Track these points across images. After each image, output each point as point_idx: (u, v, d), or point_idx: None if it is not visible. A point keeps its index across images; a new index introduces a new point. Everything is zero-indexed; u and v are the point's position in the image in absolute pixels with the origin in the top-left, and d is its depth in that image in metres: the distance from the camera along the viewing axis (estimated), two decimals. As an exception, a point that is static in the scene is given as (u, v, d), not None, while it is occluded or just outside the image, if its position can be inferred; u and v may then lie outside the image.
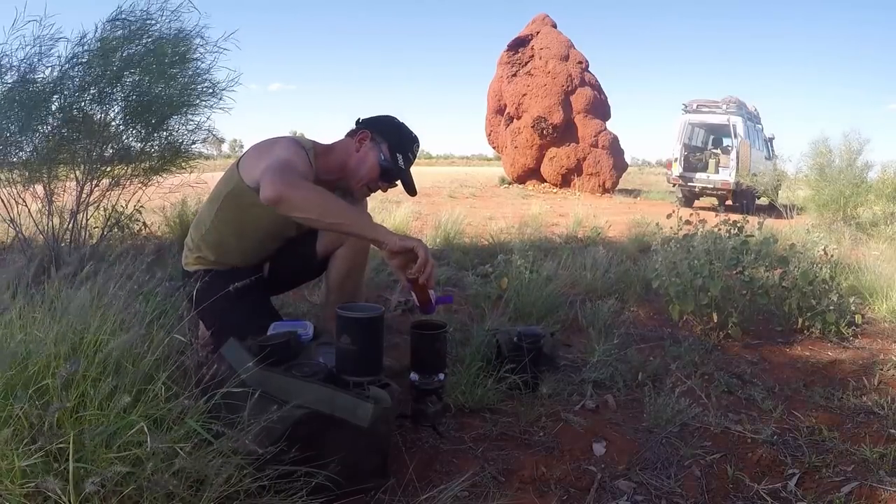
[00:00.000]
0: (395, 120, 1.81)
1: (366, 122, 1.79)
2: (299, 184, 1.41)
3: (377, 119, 1.80)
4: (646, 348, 2.31)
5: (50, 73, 2.61)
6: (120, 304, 1.22)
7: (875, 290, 3.06)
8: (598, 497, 1.34)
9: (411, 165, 1.78)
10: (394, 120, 1.81)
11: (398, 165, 1.73)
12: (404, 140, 1.77)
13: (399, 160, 1.74)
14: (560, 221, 6.75)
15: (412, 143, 1.78)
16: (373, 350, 1.41)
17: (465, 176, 18.77)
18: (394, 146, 1.74)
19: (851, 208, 6.97)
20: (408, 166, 1.76)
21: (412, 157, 1.78)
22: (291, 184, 1.39)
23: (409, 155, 1.76)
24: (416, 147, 1.79)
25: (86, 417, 1.00)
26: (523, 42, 14.26)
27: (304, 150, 1.64)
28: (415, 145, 1.79)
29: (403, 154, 1.75)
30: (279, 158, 1.52)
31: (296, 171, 1.46)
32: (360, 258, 1.86)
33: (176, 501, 0.98)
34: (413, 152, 1.78)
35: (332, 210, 1.40)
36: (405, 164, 1.75)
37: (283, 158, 1.52)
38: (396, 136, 1.76)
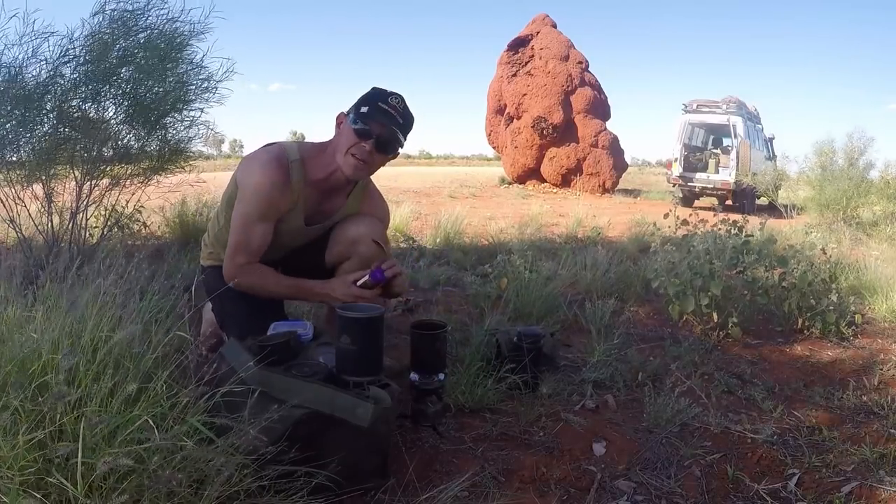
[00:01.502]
0: (373, 87, 1.69)
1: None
2: (245, 274, 1.66)
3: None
4: (646, 348, 2.31)
5: (39, 71, 2.60)
6: (118, 301, 1.22)
7: (875, 289, 3.06)
8: (598, 497, 1.34)
9: (389, 116, 1.62)
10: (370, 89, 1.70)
11: (362, 114, 1.61)
12: (372, 95, 1.65)
13: (363, 109, 1.61)
14: (560, 221, 6.75)
15: (383, 95, 1.64)
16: (373, 350, 1.41)
17: (465, 176, 18.77)
18: (360, 103, 1.64)
19: (852, 208, 6.97)
20: (377, 113, 1.61)
21: (384, 106, 1.62)
22: (239, 274, 1.65)
23: (377, 104, 1.62)
24: (391, 98, 1.63)
25: (87, 414, 1.00)
26: (523, 42, 14.25)
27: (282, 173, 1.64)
28: (390, 97, 1.63)
29: (370, 104, 1.62)
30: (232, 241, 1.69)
31: (245, 253, 1.68)
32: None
33: (177, 500, 0.98)
34: (385, 101, 1.62)
35: (276, 291, 1.71)
36: (371, 111, 1.61)
37: (233, 243, 1.69)
38: (365, 95, 1.66)
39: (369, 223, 1.80)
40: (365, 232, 1.77)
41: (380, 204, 1.92)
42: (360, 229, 1.77)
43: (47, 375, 1.02)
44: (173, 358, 1.19)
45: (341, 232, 1.80)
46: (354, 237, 1.77)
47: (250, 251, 1.67)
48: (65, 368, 0.98)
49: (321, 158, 1.71)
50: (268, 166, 1.64)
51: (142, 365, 1.13)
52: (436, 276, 3.29)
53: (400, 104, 1.65)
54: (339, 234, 1.80)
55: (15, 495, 0.90)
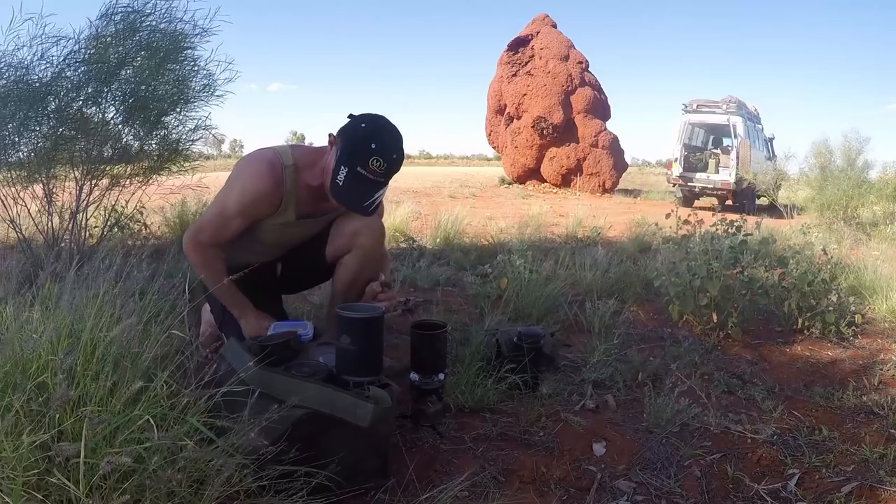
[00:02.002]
0: (363, 124, 1.57)
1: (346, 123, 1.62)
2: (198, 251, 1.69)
3: (353, 120, 1.60)
4: (646, 348, 2.31)
5: (45, 72, 2.61)
6: (118, 302, 1.22)
7: (875, 289, 3.06)
8: (598, 497, 1.34)
9: (367, 181, 1.53)
10: (360, 124, 1.57)
11: (334, 179, 1.53)
12: (355, 150, 1.53)
13: (340, 174, 1.52)
14: (560, 221, 6.74)
15: (365, 154, 1.51)
16: (373, 350, 1.41)
17: (465, 176, 18.77)
18: (340, 157, 1.54)
19: (852, 208, 6.97)
20: (352, 182, 1.52)
21: (364, 172, 1.52)
22: (193, 248, 1.69)
23: (357, 169, 1.52)
24: (372, 161, 1.51)
25: (88, 414, 1.00)
26: (523, 42, 14.25)
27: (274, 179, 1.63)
28: (371, 159, 1.51)
29: (350, 167, 1.52)
30: (205, 217, 1.74)
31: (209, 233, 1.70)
32: (366, 266, 1.84)
33: (177, 500, 0.98)
34: (367, 166, 1.51)
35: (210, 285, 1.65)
36: (346, 179, 1.52)
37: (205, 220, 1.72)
38: (349, 145, 1.54)
39: (369, 217, 1.78)
40: (364, 225, 1.79)
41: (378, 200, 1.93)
42: (360, 222, 1.78)
43: (46, 375, 1.02)
44: (173, 358, 1.19)
45: (341, 226, 1.81)
46: (354, 230, 1.78)
47: (216, 234, 1.70)
48: (64, 368, 0.98)
49: (315, 168, 1.68)
50: (259, 173, 1.64)
51: (140, 364, 1.13)
52: (436, 276, 3.29)
53: (380, 167, 1.53)
54: (339, 228, 1.81)
55: (17, 496, 0.90)
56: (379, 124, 1.59)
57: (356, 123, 1.58)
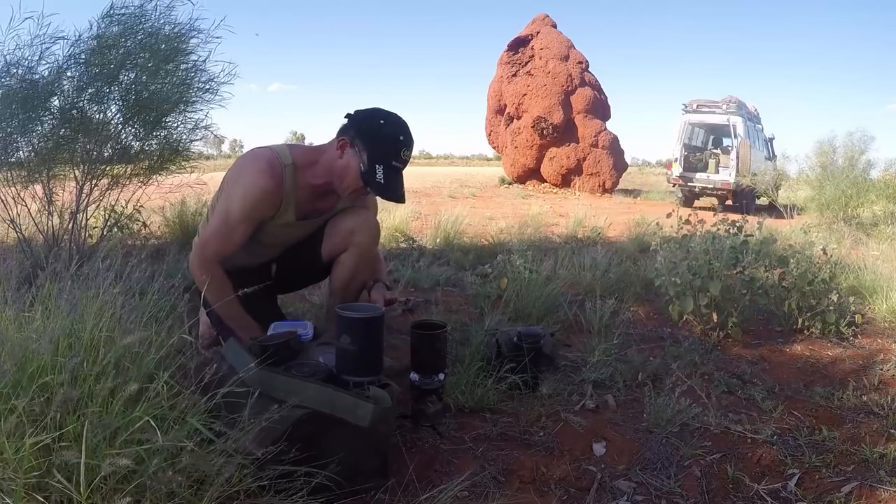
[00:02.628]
0: (380, 121, 1.63)
1: (351, 122, 1.65)
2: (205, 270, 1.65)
3: (362, 119, 1.64)
4: (646, 348, 2.31)
5: (48, 72, 2.61)
6: (118, 303, 1.22)
7: (875, 289, 3.06)
8: (598, 497, 1.34)
9: (400, 171, 1.63)
10: (378, 121, 1.63)
11: (376, 179, 1.59)
12: (385, 147, 1.60)
13: (378, 173, 1.58)
14: (560, 221, 6.74)
15: (397, 148, 1.60)
16: (373, 350, 1.41)
17: (465, 176, 18.76)
18: (373, 156, 1.59)
19: (852, 208, 6.96)
20: (390, 176, 1.60)
21: (398, 164, 1.61)
22: (199, 266, 1.66)
23: (392, 163, 1.60)
24: (404, 152, 1.61)
25: (88, 415, 1.00)
26: (523, 42, 14.25)
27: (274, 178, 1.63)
28: (402, 150, 1.61)
29: (385, 164, 1.59)
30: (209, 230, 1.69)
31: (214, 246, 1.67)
32: (363, 264, 1.84)
33: (177, 500, 0.98)
34: (400, 158, 1.61)
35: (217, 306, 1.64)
36: (384, 175, 1.59)
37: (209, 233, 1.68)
38: (378, 144, 1.60)
39: (364, 215, 1.84)
40: (360, 223, 1.80)
41: (372, 198, 1.94)
42: (354, 220, 1.80)
43: (48, 376, 1.02)
44: (174, 359, 1.19)
45: (337, 224, 1.81)
46: (351, 228, 1.79)
47: (223, 245, 1.67)
48: (69, 369, 0.98)
49: (315, 168, 1.69)
50: (261, 171, 1.63)
51: (142, 365, 1.13)
52: (436, 276, 3.29)
53: (409, 155, 1.65)
54: (335, 226, 1.82)
55: (19, 497, 0.90)
56: (393, 118, 1.66)
57: (373, 121, 1.63)
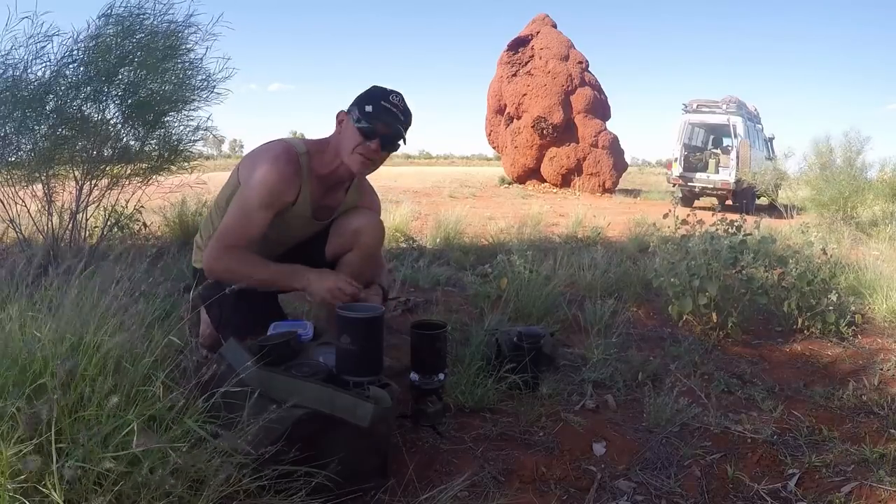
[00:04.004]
0: (372, 86, 1.71)
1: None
2: (224, 257, 1.61)
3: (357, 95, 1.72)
4: (646, 348, 2.31)
5: (43, 72, 2.61)
6: (119, 303, 1.22)
7: (875, 289, 3.05)
8: (598, 497, 1.34)
9: (392, 112, 1.65)
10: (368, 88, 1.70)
11: (367, 113, 1.63)
12: (374, 93, 1.66)
13: (367, 109, 1.63)
14: (560, 221, 6.74)
15: (385, 94, 1.66)
16: (373, 350, 1.41)
17: (465, 176, 18.76)
18: (362, 101, 1.65)
19: (851, 208, 6.96)
20: (381, 113, 1.63)
21: (388, 105, 1.64)
22: (220, 255, 1.61)
23: (380, 104, 1.63)
24: (392, 97, 1.65)
25: (84, 417, 0.99)
26: (523, 42, 14.25)
27: (292, 164, 1.65)
28: (391, 95, 1.66)
29: (374, 103, 1.63)
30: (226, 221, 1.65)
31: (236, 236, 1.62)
32: (368, 264, 1.85)
33: (174, 500, 0.98)
34: (388, 100, 1.64)
35: (256, 274, 1.61)
36: (376, 111, 1.63)
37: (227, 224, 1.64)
38: (366, 94, 1.68)
39: (369, 215, 1.85)
40: (366, 223, 1.81)
41: (375, 199, 1.97)
42: (360, 220, 1.81)
43: (44, 378, 1.01)
44: (173, 359, 1.19)
45: (342, 224, 1.82)
46: (356, 228, 1.80)
47: (241, 237, 1.64)
48: (64, 372, 0.97)
49: (324, 155, 1.72)
50: (278, 158, 1.64)
51: (141, 366, 1.12)
52: (436, 276, 3.29)
53: (400, 102, 1.66)
54: (340, 226, 1.82)
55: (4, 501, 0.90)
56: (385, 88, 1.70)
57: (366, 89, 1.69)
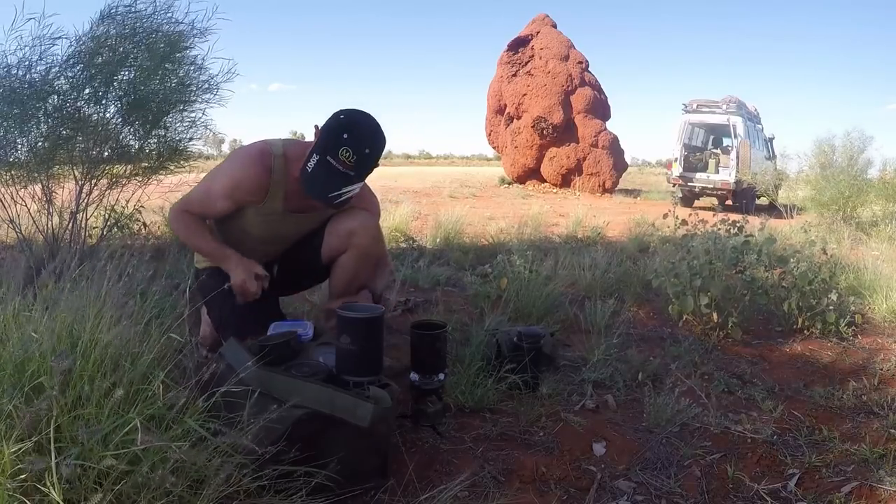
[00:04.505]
0: (341, 115, 1.56)
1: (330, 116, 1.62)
2: (180, 219, 1.75)
3: (333, 113, 1.58)
4: (646, 348, 2.31)
5: (45, 72, 2.61)
6: (117, 302, 1.22)
7: (875, 289, 3.05)
8: (598, 497, 1.34)
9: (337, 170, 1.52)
10: (340, 115, 1.56)
11: (305, 166, 1.54)
12: (328, 139, 1.53)
13: (311, 161, 1.53)
14: (560, 221, 6.74)
15: (336, 144, 1.51)
16: (373, 350, 1.41)
17: (465, 176, 18.75)
18: (315, 147, 1.55)
19: (851, 208, 6.96)
20: (321, 170, 1.52)
21: (334, 162, 1.51)
22: (177, 216, 1.76)
23: (327, 158, 1.51)
24: (343, 151, 1.50)
25: (83, 415, 0.99)
26: (523, 42, 14.25)
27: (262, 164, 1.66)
28: (342, 149, 1.50)
29: (320, 155, 1.52)
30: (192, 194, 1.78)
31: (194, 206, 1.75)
32: (363, 265, 1.85)
33: (174, 500, 0.98)
34: (336, 156, 1.50)
35: (196, 242, 1.78)
36: (316, 166, 1.52)
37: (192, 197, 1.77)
38: (323, 133, 1.55)
39: (364, 216, 1.84)
40: (360, 224, 1.80)
41: (371, 198, 1.95)
42: (355, 222, 1.81)
43: (43, 377, 1.01)
44: (172, 358, 1.19)
45: (336, 226, 1.82)
46: (350, 229, 1.80)
47: (200, 208, 1.75)
48: (60, 371, 0.97)
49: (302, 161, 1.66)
50: (248, 156, 1.70)
51: (139, 365, 1.12)
52: (436, 276, 3.29)
53: (349, 158, 1.51)
54: (334, 228, 1.82)
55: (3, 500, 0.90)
56: (355, 118, 1.57)
57: (336, 115, 1.58)
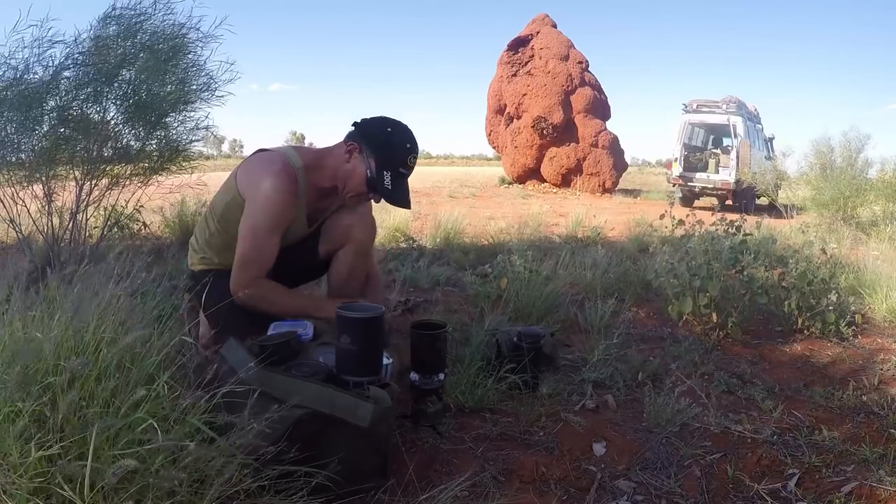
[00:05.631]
0: (388, 129, 1.68)
1: (359, 129, 1.70)
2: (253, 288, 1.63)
3: (370, 127, 1.69)
4: (646, 348, 2.31)
5: (44, 72, 2.61)
6: (119, 303, 1.22)
7: (875, 289, 3.05)
8: (598, 497, 1.34)
9: (406, 177, 1.68)
10: (386, 129, 1.68)
11: (384, 185, 1.64)
12: (395, 154, 1.65)
13: (385, 179, 1.63)
14: (560, 221, 6.74)
15: (404, 155, 1.66)
16: (373, 350, 1.41)
17: (465, 176, 18.77)
18: (381, 163, 1.64)
19: (851, 208, 6.96)
20: (398, 182, 1.65)
21: (405, 171, 1.67)
22: (246, 287, 1.63)
23: (399, 170, 1.65)
24: (410, 159, 1.67)
25: (89, 416, 1.00)
26: (523, 42, 14.25)
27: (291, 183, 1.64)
28: (409, 157, 1.67)
29: (393, 170, 1.64)
30: (240, 253, 1.64)
31: (255, 264, 1.64)
32: (361, 259, 1.86)
33: (178, 500, 0.98)
34: (406, 165, 1.66)
35: (283, 307, 1.67)
36: (392, 181, 1.64)
37: (243, 256, 1.64)
38: (386, 151, 1.65)
39: (361, 212, 1.86)
40: (358, 219, 1.82)
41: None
42: (352, 217, 1.83)
43: (50, 378, 1.02)
44: (175, 359, 1.19)
45: (334, 222, 1.83)
46: (348, 224, 1.82)
47: (262, 263, 1.65)
48: (70, 371, 0.98)
49: (322, 171, 1.71)
50: (279, 179, 1.62)
51: (145, 365, 1.13)
52: (436, 276, 3.29)
53: (415, 161, 1.68)
54: (332, 224, 1.84)
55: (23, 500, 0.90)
56: (400, 126, 1.70)
57: (381, 129, 1.68)
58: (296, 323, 1.71)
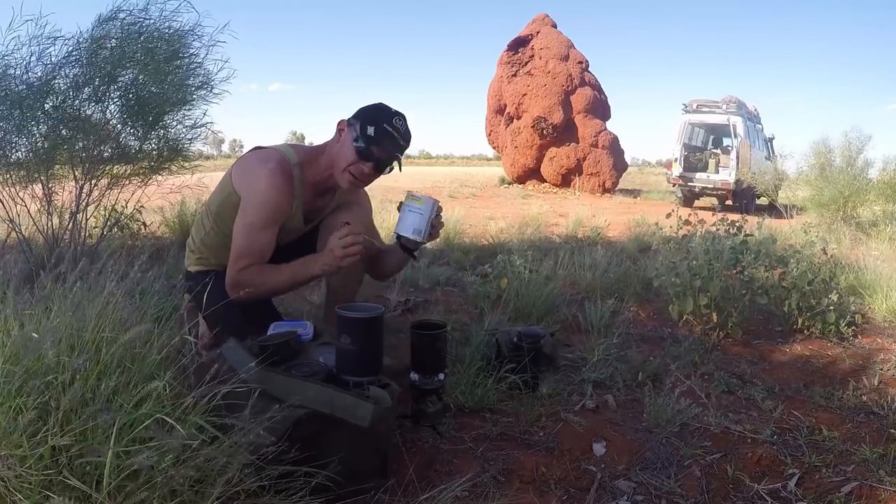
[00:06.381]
0: (378, 103, 1.69)
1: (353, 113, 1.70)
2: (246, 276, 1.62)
3: (366, 106, 1.69)
4: (646, 348, 2.31)
5: (43, 72, 2.61)
6: (118, 302, 1.22)
7: (875, 289, 3.05)
8: (598, 497, 1.34)
9: (395, 138, 1.63)
10: (375, 103, 1.69)
11: (367, 135, 1.60)
12: (379, 114, 1.64)
13: (368, 130, 1.60)
14: (560, 221, 6.74)
15: (389, 115, 1.64)
16: (373, 350, 1.41)
17: (465, 176, 18.77)
18: (365, 121, 1.62)
19: (851, 208, 6.96)
20: (382, 138, 1.61)
21: (390, 129, 1.62)
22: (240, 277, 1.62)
23: (383, 126, 1.61)
24: (396, 119, 1.63)
25: (93, 413, 1.00)
26: (523, 42, 14.25)
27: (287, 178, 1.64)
28: (395, 118, 1.64)
29: (376, 125, 1.61)
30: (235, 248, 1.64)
31: (248, 257, 1.63)
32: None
33: (180, 500, 0.98)
34: (391, 124, 1.62)
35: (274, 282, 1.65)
36: (377, 133, 1.61)
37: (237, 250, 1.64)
38: (370, 112, 1.65)
39: (358, 210, 1.86)
40: (354, 216, 1.81)
41: (363, 194, 1.97)
42: (351, 215, 1.82)
43: (52, 375, 1.02)
44: (175, 359, 1.19)
45: (331, 221, 1.83)
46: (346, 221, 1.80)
47: (256, 258, 1.65)
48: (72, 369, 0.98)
49: (317, 164, 1.71)
50: (274, 174, 1.63)
51: (145, 365, 1.13)
52: (436, 276, 3.29)
53: (403, 125, 1.65)
54: (330, 223, 1.83)
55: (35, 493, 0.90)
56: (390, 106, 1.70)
57: (367, 104, 1.69)
58: (296, 323, 1.71)
